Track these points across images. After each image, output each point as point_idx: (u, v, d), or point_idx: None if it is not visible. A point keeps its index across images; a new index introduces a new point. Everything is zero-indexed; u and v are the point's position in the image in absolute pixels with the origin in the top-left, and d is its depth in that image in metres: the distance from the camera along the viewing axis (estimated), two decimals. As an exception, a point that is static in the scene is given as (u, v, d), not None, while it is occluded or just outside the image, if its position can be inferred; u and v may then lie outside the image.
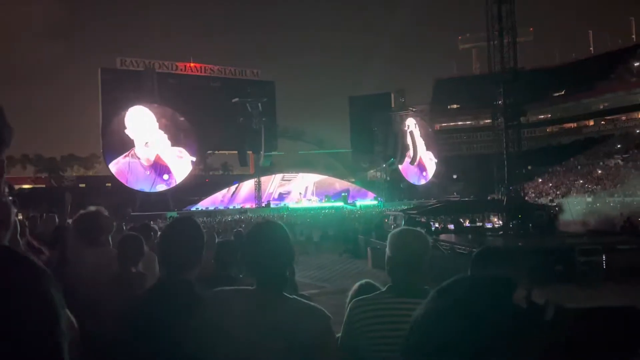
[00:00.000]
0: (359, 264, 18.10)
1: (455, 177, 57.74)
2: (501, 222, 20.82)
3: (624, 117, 58.22)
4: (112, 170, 41.97)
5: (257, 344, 1.65)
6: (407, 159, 54.59)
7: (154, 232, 4.84)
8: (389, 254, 2.11)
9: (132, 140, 42.49)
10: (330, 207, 42.70)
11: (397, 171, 53.63)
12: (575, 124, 63.99)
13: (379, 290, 2.18)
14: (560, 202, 26.43)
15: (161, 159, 43.65)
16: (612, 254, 13.14)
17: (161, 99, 45.01)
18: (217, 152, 61.62)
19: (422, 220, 20.28)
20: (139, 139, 42.82)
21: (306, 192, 49.20)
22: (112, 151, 42.15)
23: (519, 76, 20.25)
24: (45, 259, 2.80)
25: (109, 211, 3.51)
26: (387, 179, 52.67)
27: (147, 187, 42.91)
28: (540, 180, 50.28)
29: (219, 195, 46.21)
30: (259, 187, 45.60)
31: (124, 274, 2.85)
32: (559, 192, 43.26)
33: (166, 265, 2.06)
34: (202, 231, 2.13)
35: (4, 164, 1.19)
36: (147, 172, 42.98)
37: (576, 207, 22.59)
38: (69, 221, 4.70)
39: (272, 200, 47.33)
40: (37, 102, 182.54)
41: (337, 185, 51.30)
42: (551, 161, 53.03)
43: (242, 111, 46.04)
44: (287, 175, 50.24)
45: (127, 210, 34.16)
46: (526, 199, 23.84)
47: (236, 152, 50.43)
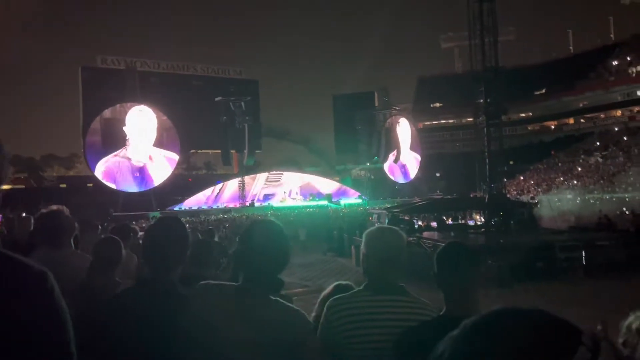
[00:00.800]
0: (344, 262, 18.16)
1: (438, 175, 58.14)
2: (483, 220, 21.04)
3: (602, 115, 59.17)
4: (100, 169, 40.96)
5: (239, 341, 1.65)
6: (391, 157, 54.80)
7: (133, 233, 4.77)
8: (365, 252, 2.11)
9: (122, 139, 41.45)
10: (315, 205, 42.74)
11: (381, 170, 53.84)
12: (555, 122, 64.88)
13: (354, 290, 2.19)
14: (541, 199, 26.80)
15: (152, 160, 43.00)
16: (591, 250, 13.36)
17: (143, 98, 44.50)
18: (200, 151, 61.27)
19: (406, 218, 20.40)
20: (136, 139, 42.07)
21: (290, 191, 49.13)
22: (95, 151, 41.36)
23: (501, 75, 20.45)
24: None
25: (90, 211, 3.48)
26: (371, 177, 52.87)
27: (136, 188, 42.10)
28: (521, 177, 50.85)
29: (203, 195, 45.88)
30: (242, 187, 45.42)
31: (92, 282, 2.66)
32: (540, 190, 43.80)
33: (150, 264, 2.05)
34: (186, 231, 2.13)
35: None
36: (136, 173, 42.22)
37: (557, 204, 22.93)
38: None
39: (257, 199, 47.17)
40: (14, 100, 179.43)
41: (321, 183, 51.29)
42: (532, 159, 53.65)
43: (225, 110, 45.84)
44: (271, 174, 50.10)
45: (110, 210, 33.78)
46: (508, 196, 24.10)
47: (219, 151, 50.20)
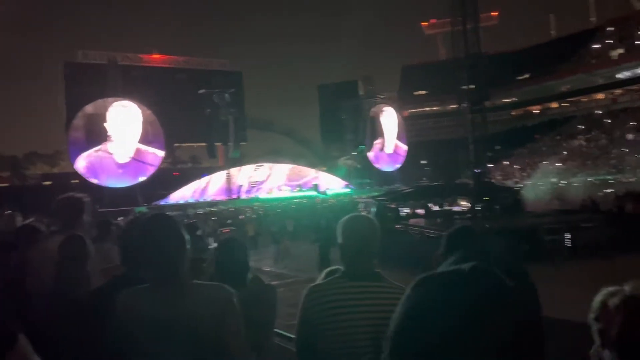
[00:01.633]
0: (332, 252, 18.21)
1: (424, 162, 58.42)
2: (469, 205, 21.21)
3: (585, 99, 59.76)
4: (81, 164, 40.53)
5: (165, 338, 1.66)
6: (377, 146, 54.94)
7: (114, 227, 4.67)
8: (340, 240, 2.16)
9: (104, 135, 41.03)
10: (302, 196, 42.76)
11: (367, 159, 53.96)
12: (539, 107, 65.39)
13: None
14: (525, 183, 27.06)
15: (137, 155, 42.61)
16: (576, 232, 13.55)
17: (126, 93, 44.01)
18: (185, 144, 60.87)
19: (392, 206, 20.49)
20: (118, 134, 41.60)
21: (277, 183, 49.07)
22: (79, 146, 40.87)
23: (483, 61, 20.59)
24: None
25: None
26: (358, 166, 52.99)
27: (119, 184, 41.72)
28: (506, 162, 51.33)
29: (189, 188, 45.63)
30: (229, 179, 45.25)
31: (61, 278, 2.65)
32: (524, 174, 44.27)
33: (154, 268, 1.94)
34: (179, 229, 2.08)
35: None
36: (119, 170, 41.83)
37: (541, 188, 23.14)
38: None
39: (244, 192, 47.05)
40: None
41: (307, 174, 51.28)
42: (516, 143, 54.13)
43: (210, 103, 45.55)
44: (257, 166, 49.95)
45: (94, 207, 33.42)
46: (492, 181, 24.32)
47: (205, 144, 49.94)
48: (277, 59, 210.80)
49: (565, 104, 62.19)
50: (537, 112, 65.60)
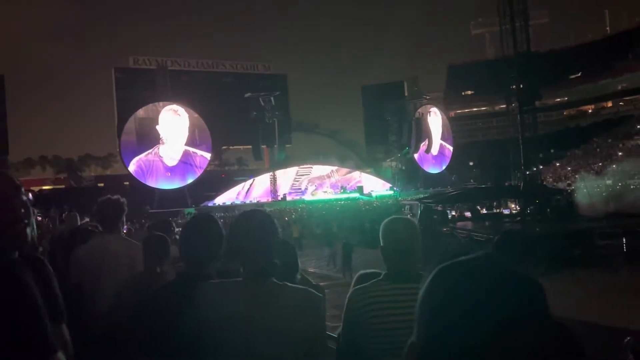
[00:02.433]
0: (376, 253, 18.07)
1: (471, 164, 57.27)
2: (518, 208, 20.65)
3: (642, 97, 57.13)
4: (131, 168, 41.93)
5: (256, 335, 1.67)
6: (423, 147, 54.19)
7: (173, 228, 4.93)
8: (382, 243, 2.19)
9: (155, 138, 42.27)
10: (346, 198, 42.69)
11: (413, 160, 53.31)
12: (593, 106, 62.95)
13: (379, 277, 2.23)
14: (578, 186, 26.10)
15: (185, 158, 43.64)
16: (632, 236, 12.97)
17: (175, 97, 45.22)
18: (231, 147, 61.94)
19: (439, 208, 20.19)
20: (170, 137, 42.73)
21: (322, 185, 49.21)
22: (131, 149, 42.18)
23: (533, 59, 20.04)
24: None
25: (128, 209, 3.65)
26: (403, 168, 52.46)
27: (169, 185, 42.76)
28: (558, 164, 49.64)
29: (235, 190, 46.36)
30: (274, 181, 45.73)
31: (147, 273, 2.94)
32: (577, 176, 42.68)
33: (186, 260, 2.16)
34: (219, 227, 2.19)
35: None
36: (168, 172, 42.92)
37: (595, 190, 22.27)
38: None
39: (288, 193, 47.42)
40: (52, 104, 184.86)
41: (352, 176, 51.18)
42: (569, 144, 52.28)
43: (255, 105, 46.18)
44: (302, 168, 50.25)
45: (146, 207, 34.52)
46: (544, 183, 23.58)
47: (250, 146, 50.65)
48: (322, 61, 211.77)
49: (621, 103, 59.62)
50: (590, 111, 63.15)
